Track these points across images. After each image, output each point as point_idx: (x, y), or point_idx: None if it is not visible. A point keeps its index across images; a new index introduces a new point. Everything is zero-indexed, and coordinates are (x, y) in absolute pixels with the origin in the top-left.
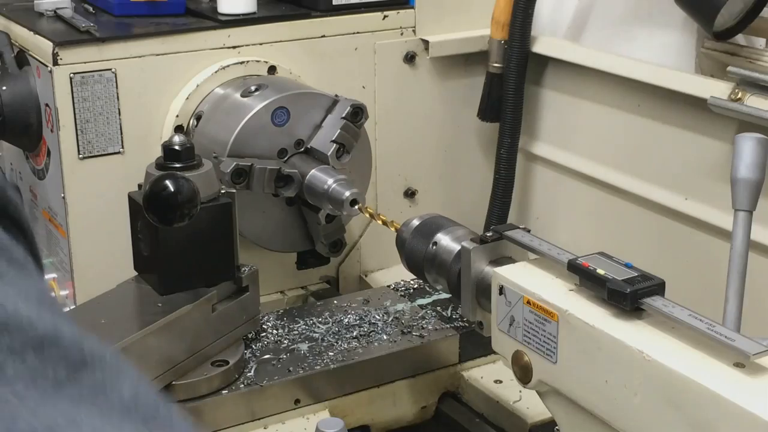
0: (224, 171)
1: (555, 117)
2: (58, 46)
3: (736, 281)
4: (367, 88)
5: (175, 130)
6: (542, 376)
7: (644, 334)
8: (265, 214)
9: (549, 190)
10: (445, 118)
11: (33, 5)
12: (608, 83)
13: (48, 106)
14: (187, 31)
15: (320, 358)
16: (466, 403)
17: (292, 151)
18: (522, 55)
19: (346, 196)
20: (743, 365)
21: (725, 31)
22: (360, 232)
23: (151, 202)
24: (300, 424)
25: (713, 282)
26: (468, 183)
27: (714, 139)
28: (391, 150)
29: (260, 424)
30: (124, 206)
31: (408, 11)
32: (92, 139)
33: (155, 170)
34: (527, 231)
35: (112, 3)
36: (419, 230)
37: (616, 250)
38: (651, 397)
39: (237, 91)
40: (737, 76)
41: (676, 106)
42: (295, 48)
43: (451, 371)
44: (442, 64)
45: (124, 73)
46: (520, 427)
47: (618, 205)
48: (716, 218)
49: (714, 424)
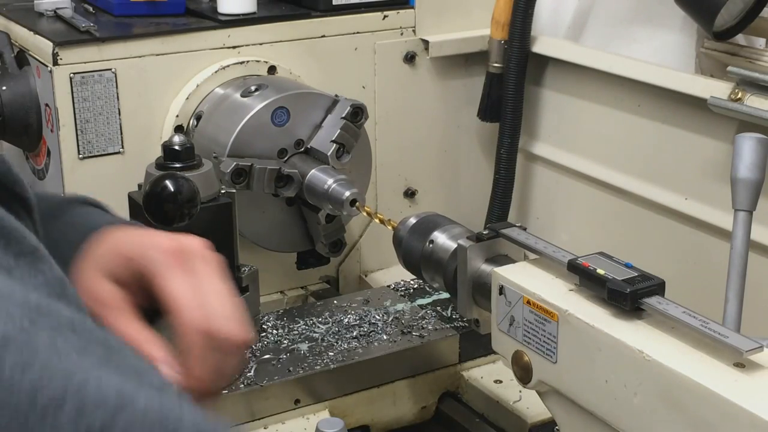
0: (224, 171)
1: (555, 117)
2: (58, 46)
3: (736, 281)
4: (367, 88)
5: (175, 130)
6: (542, 376)
7: (644, 334)
8: (265, 214)
9: (549, 190)
10: (445, 118)
11: (33, 5)
12: (608, 83)
13: (48, 106)
14: (187, 31)
15: (320, 358)
16: (466, 403)
17: (292, 151)
18: (522, 55)
19: (346, 196)
20: (743, 365)
21: (725, 31)
22: (360, 232)
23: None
24: (300, 424)
25: (713, 282)
26: (468, 183)
27: (714, 139)
28: (391, 150)
29: (260, 424)
30: (124, 206)
31: (408, 11)
32: (92, 139)
33: (155, 170)
34: (523, 229)
35: (112, 3)
36: (416, 228)
37: (616, 250)
38: (651, 397)
39: (237, 91)
40: (737, 76)
41: (676, 106)
42: (295, 48)
43: (451, 371)
44: (442, 64)
45: (124, 73)
46: (520, 427)
47: (618, 205)
48: (716, 218)
49: (714, 424)
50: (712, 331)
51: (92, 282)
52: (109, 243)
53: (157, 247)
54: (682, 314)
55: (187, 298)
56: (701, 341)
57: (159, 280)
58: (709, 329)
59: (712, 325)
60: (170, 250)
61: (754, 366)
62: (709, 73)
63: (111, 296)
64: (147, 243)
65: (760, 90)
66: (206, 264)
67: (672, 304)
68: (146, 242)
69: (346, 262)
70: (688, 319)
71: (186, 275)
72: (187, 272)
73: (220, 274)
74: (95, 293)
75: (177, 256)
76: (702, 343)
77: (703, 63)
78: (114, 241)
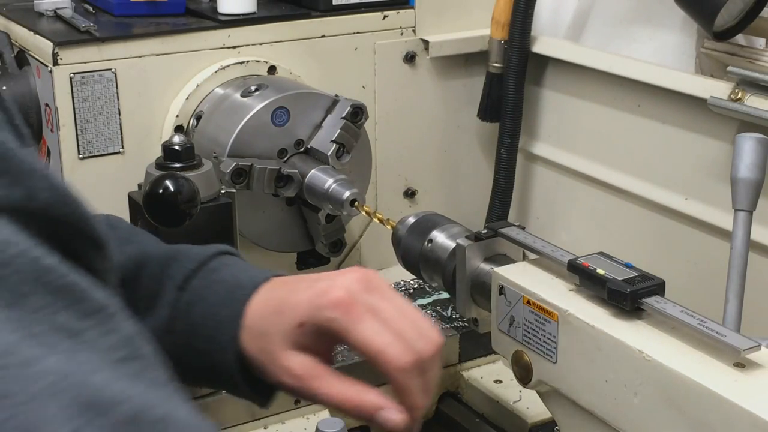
0: (224, 171)
1: (555, 117)
2: (58, 46)
3: (736, 281)
4: (367, 88)
5: (175, 130)
6: (542, 376)
7: (644, 334)
8: (265, 214)
9: (549, 190)
10: (445, 118)
11: (33, 5)
12: (608, 83)
13: (48, 106)
14: (187, 31)
15: None
16: (466, 403)
17: (292, 151)
18: (522, 55)
19: (346, 196)
20: (743, 365)
21: (725, 31)
22: (360, 232)
23: (151, 202)
24: (300, 424)
25: (713, 282)
26: (468, 183)
27: (714, 139)
28: (391, 150)
29: (260, 424)
30: (124, 206)
31: (408, 11)
32: (92, 139)
33: (155, 170)
34: (522, 228)
35: (112, 3)
36: (414, 228)
37: (616, 250)
38: (651, 397)
39: (237, 91)
40: (737, 76)
41: (676, 106)
42: (295, 48)
43: (451, 371)
44: (442, 64)
45: (124, 73)
46: (520, 427)
47: (618, 205)
48: (716, 218)
49: (714, 424)
50: (710, 330)
51: (282, 360)
52: (272, 307)
53: (327, 306)
54: (680, 313)
55: (384, 341)
56: (701, 341)
57: (350, 337)
58: (707, 328)
59: (710, 324)
60: (341, 303)
61: (754, 366)
62: (709, 73)
63: (304, 367)
64: (314, 302)
65: (760, 90)
66: (376, 292)
67: (671, 303)
68: (313, 302)
69: (346, 262)
70: (687, 318)
71: (370, 319)
72: (369, 314)
73: (389, 290)
74: (290, 370)
75: (351, 305)
76: (702, 343)
77: (703, 63)
78: (277, 306)
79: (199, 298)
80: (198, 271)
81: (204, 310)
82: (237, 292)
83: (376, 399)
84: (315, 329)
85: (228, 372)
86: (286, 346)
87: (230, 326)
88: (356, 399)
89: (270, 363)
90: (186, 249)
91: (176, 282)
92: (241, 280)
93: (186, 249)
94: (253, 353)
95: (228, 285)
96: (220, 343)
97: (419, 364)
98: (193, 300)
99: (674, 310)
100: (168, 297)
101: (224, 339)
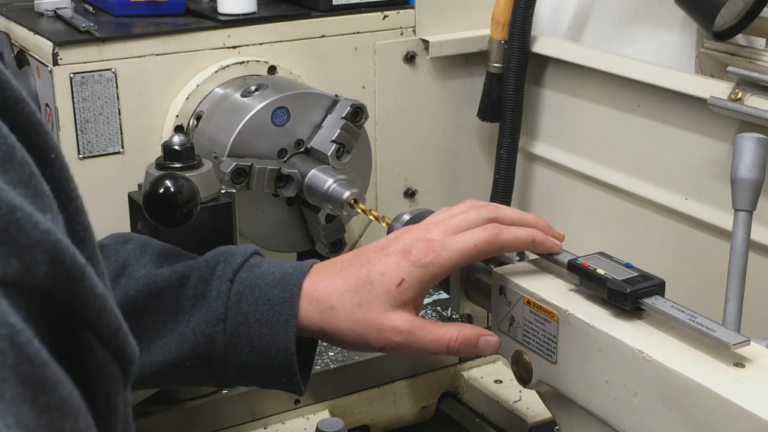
0: (224, 171)
1: (555, 117)
2: (58, 46)
3: (736, 281)
4: (367, 88)
5: (175, 130)
6: (542, 376)
7: (644, 334)
8: (265, 214)
9: (549, 190)
10: (445, 118)
11: (33, 5)
12: (608, 83)
13: (48, 106)
14: (187, 31)
15: (320, 358)
16: (466, 403)
17: (292, 151)
18: (522, 55)
19: (346, 196)
20: (743, 365)
21: (725, 31)
22: (360, 232)
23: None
24: (300, 424)
25: (713, 282)
26: (468, 183)
27: (714, 139)
28: (391, 150)
29: (260, 424)
30: (124, 206)
31: (408, 11)
32: (92, 139)
33: (155, 170)
34: None
35: (112, 3)
36: (409, 224)
37: (616, 250)
38: (651, 397)
39: (237, 91)
40: (737, 76)
41: (676, 106)
42: (295, 48)
43: (451, 371)
44: (442, 64)
45: (124, 73)
46: (520, 427)
47: (618, 205)
48: (716, 218)
49: (714, 424)
50: (700, 325)
51: (387, 321)
52: (350, 284)
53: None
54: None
55: (530, 233)
56: (701, 341)
57: (503, 244)
58: (697, 323)
59: (701, 320)
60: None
61: (754, 366)
62: (709, 73)
63: (408, 321)
64: (411, 255)
65: (760, 90)
66: (439, 217)
67: (671, 303)
68: (408, 255)
69: None
70: (677, 313)
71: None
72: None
73: (441, 212)
74: (397, 328)
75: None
76: (702, 343)
77: (703, 63)
78: (358, 281)
79: (248, 289)
80: (243, 265)
81: (257, 296)
82: (286, 278)
83: (473, 329)
84: (417, 282)
85: (285, 351)
86: (386, 308)
87: (286, 307)
88: (460, 334)
89: (371, 329)
90: (226, 249)
91: (227, 275)
92: (286, 269)
93: (226, 249)
94: (332, 328)
95: (274, 275)
96: (275, 326)
97: (548, 231)
98: (242, 290)
99: (674, 310)
100: (222, 288)
101: (282, 320)
